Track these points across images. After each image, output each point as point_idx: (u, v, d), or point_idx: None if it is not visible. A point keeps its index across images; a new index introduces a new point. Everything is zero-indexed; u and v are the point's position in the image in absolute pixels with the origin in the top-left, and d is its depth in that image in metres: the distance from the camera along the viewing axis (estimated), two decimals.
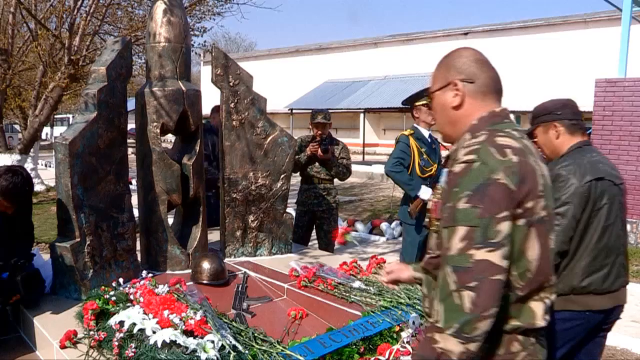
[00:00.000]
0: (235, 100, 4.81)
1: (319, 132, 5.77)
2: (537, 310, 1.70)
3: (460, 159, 1.65)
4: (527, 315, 1.69)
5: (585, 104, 18.09)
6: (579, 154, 2.86)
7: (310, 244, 6.07)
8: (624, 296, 2.87)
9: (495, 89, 1.81)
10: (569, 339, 2.79)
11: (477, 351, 1.56)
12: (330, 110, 5.99)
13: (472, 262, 1.53)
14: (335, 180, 5.97)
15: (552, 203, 1.77)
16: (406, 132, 5.16)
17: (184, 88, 4.48)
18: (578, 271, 2.73)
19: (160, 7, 4.45)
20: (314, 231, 6.07)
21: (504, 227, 1.55)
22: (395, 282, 2.31)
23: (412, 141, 5.06)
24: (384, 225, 9.64)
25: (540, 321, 1.70)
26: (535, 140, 3.03)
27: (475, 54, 1.85)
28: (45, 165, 20.32)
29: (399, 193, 9.44)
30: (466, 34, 28.65)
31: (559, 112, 2.92)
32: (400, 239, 7.37)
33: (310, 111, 6.04)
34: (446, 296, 1.57)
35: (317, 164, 5.78)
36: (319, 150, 5.58)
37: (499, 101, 1.83)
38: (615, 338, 5.15)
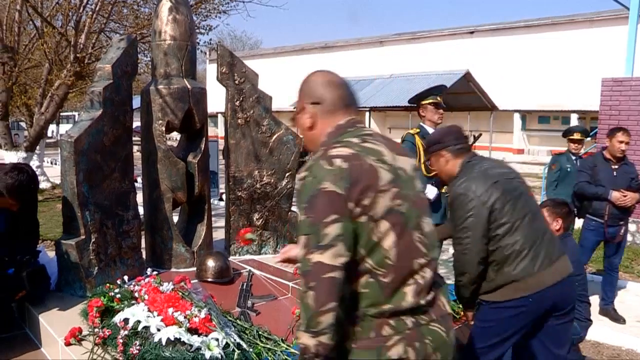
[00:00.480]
0: (241, 99, 4.81)
1: None
2: (408, 292, 1.84)
3: (299, 177, 1.89)
4: (396, 298, 1.83)
5: (592, 103, 18.07)
6: (469, 169, 3.07)
7: None
8: (563, 270, 2.99)
9: (344, 104, 2.01)
10: (519, 326, 2.96)
11: (331, 342, 1.72)
12: None
13: (310, 265, 1.72)
14: None
15: (413, 191, 1.92)
16: (412, 131, 5.13)
17: (189, 86, 4.48)
18: (509, 265, 2.91)
19: (165, 5, 4.45)
20: None
21: (332, 229, 1.72)
22: (287, 260, 2.45)
23: (418, 140, 5.03)
24: None
25: (408, 302, 1.83)
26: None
27: (324, 76, 2.05)
28: (51, 163, 20.37)
29: None
30: (472, 32, 28.59)
31: (443, 141, 3.18)
32: None
33: None
34: (300, 298, 1.75)
35: None
36: None
37: (349, 114, 2.01)
38: (621, 338, 5.13)
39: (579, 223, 6.14)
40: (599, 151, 5.91)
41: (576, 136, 6.43)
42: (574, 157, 6.40)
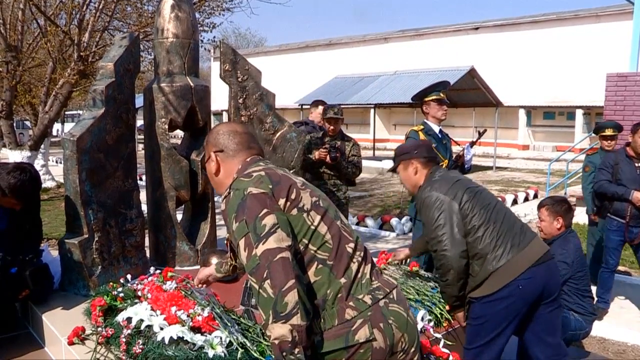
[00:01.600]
0: (244, 96, 4.79)
1: (331, 127, 5.69)
2: (354, 269, 2.00)
3: (221, 201, 2.12)
4: (347, 275, 1.97)
5: (596, 98, 18.00)
6: (431, 176, 3.23)
7: None
8: (539, 248, 3.05)
9: (245, 147, 2.22)
10: (513, 316, 2.99)
11: (304, 322, 1.73)
12: (340, 106, 5.92)
13: (258, 258, 1.79)
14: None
15: (320, 192, 2.15)
16: (416, 128, 5.11)
17: (192, 84, 4.46)
18: (492, 253, 2.97)
19: (168, 3, 4.44)
20: None
21: (268, 220, 1.85)
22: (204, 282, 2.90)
23: (422, 137, 5.01)
24: (394, 221, 9.59)
25: (358, 276, 2.00)
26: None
27: (227, 127, 2.29)
28: (56, 162, 20.41)
29: None
30: (477, 28, 28.50)
31: (415, 151, 3.34)
32: (411, 234, 7.33)
33: (324, 106, 5.98)
34: (257, 297, 1.79)
35: (324, 167, 5.69)
36: (328, 157, 5.49)
37: (252, 153, 2.22)
38: (626, 334, 5.11)
39: (576, 219, 6.02)
40: (622, 148, 5.65)
41: (608, 132, 6.17)
42: None
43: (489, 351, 3.04)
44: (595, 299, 5.16)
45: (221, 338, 2.86)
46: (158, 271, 3.79)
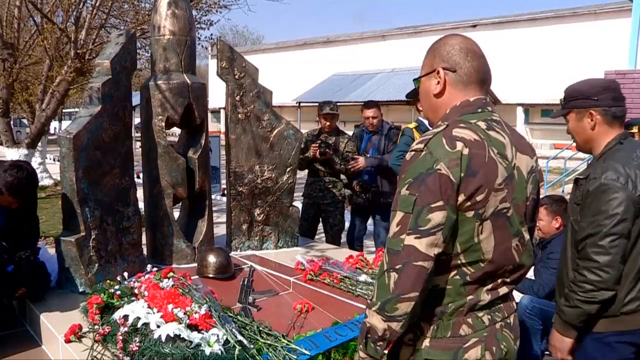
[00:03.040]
0: (241, 93, 4.78)
1: (327, 123, 5.71)
2: (487, 290, 1.74)
3: (411, 147, 1.70)
4: (475, 295, 1.72)
5: None
6: (624, 153, 2.43)
7: (317, 237, 6.05)
8: None
9: (478, 79, 1.80)
10: None
11: (400, 330, 1.63)
12: (338, 103, 5.93)
13: (402, 247, 1.59)
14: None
15: (521, 195, 1.76)
16: (410, 126, 5.10)
17: (189, 81, 4.45)
18: (625, 290, 2.39)
19: (164, 0, 4.43)
20: (322, 225, 6.04)
21: (436, 216, 1.58)
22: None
23: (416, 134, 5.01)
24: None
25: (486, 299, 1.73)
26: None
27: (462, 42, 1.82)
28: (54, 160, 20.38)
29: None
30: (474, 26, 28.46)
31: (597, 97, 2.48)
32: None
33: (319, 103, 5.99)
34: (380, 275, 1.64)
35: (318, 164, 5.72)
36: (317, 153, 5.50)
37: (480, 91, 1.81)
38: None
39: None
40: None
41: (635, 129, 5.93)
42: None
43: None
44: None
45: (218, 336, 2.87)
46: (155, 269, 3.79)
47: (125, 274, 3.66)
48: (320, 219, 5.96)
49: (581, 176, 2.55)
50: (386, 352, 1.74)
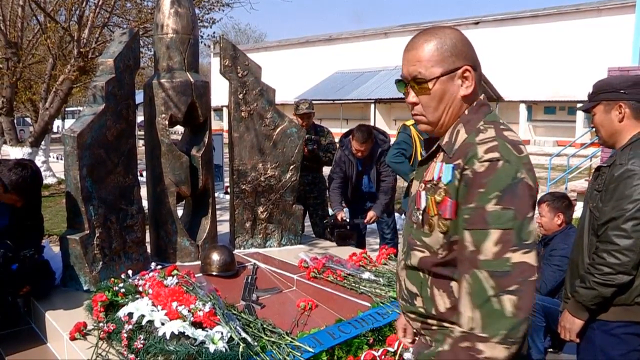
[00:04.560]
0: (244, 92, 4.79)
1: (304, 122, 5.77)
2: None
3: (481, 157, 1.54)
4: None
5: None
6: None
7: (305, 232, 6.07)
8: None
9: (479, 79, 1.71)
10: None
11: (516, 352, 1.49)
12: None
13: (510, 266, 1.47)
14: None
15: None
16: (408, 123, 5.11)
17: (192, 79, 4.46)
18: None
19: None
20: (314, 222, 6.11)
21: (533, 227, 1.51)
22: None
23: (413, 131, 5.02)
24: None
25: None
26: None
27: (464, 36, 1.71)
28: (57, 158, 20.41)
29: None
30: (477, 23, 28.42)
31: (627, 91, 2.52)
32: None
33: (295, 102, 6.06)
34: (483, 302, 1.48)
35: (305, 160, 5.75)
36: (305, 149, 5.53)
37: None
38: None
39: (577, 214, 6.03)
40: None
41: None
42: None
43: None
44: None
45: (222, 333, 2.88)
46: (159, 267, 3.80)
47: (130, 271, 3.67)
48: (308, 213, 6.00)
49: (605, 164, 2.58)
50: None
